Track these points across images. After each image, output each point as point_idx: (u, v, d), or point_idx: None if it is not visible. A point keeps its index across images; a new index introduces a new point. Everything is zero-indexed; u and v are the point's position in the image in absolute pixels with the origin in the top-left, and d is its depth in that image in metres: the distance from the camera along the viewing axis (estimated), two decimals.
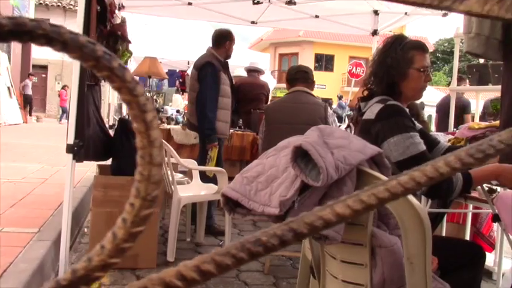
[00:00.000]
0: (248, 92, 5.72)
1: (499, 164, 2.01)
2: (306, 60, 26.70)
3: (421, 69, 2.11)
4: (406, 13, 5.64)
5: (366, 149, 1.36)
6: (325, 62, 30.12)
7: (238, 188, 1.38)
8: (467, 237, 3.68)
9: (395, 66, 2.09)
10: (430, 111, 8.86)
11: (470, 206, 3.46)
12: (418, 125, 2.28)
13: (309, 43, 28.83)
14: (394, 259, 1.38)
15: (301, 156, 1.27)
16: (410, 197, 1.28)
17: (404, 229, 1.27)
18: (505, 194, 1.91)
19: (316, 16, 5.81)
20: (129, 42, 4.27)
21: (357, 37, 22.85)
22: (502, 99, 2.15)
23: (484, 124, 2.57)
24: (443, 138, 2.66)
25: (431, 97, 10.55)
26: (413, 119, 2.10)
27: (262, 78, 6.66)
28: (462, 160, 0.25)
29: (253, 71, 6.15)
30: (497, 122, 2.31)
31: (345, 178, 1.31)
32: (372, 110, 2.06)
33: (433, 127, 4.87)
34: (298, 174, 1.27)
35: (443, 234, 3.44)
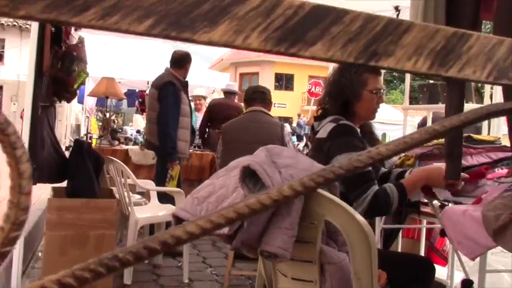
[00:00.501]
0: (220, 112, 5.76)
1: (424, 167, 2.11)
2: (267, 79, 26.99)
3: (374, 91, 2.18)
4: None
5: (313, 167, 1.40)
6: (285, 82, 30.51)
7: (188, 209, 1.39)
8: (422, 252, 3.78)
9: (350, 87, 2.16)
10: (385, 129, 9.09)
11: (424, 222, 3.55)
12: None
13: (269, 63, 29.17)
14: (342, 275, 1.41)
15: (249, 176, 1.30)
16: (356, 215, 1.33)
17: (351, 245, 1.31)
18: (450, 209, 1.99)
19: None
20: (86, 62, 4.24)
21: None
22: (446, 117, 2.24)
23: (432, 141, 2.66)
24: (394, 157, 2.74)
25: (387, 115, 10.83)
26: (364, 140, 2.17)
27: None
28: (304, 184, 0.28)
29: (229, 93, 6.22)
30: (443, 140, 2.41)
31: None
32: (325, 129, 2.12)
33: None
34: (246, 194, 1.29)
35: (399, 249, 3.51)
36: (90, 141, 6.25)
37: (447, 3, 1.99)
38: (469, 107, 3.29)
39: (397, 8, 5.22)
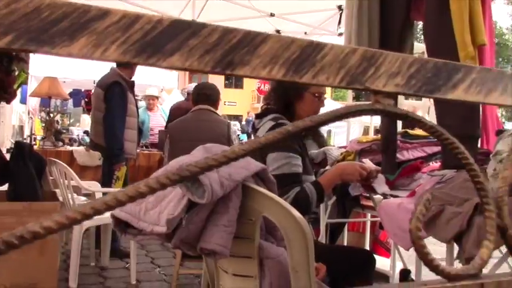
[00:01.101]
0: (178, 115, 5.69)
1: (338, 165, 2.19)
2: (217, 77, 26.89)
3: (316, 95, 2.24)
4: (305, 33, 5.94)
5: (250, 165, 1.43)
6: (235, 79, 30.53)
7: (127, 209, 1.39)
8: (367, 245, 3.90)
9: (293, 87, 2.20)
10: (331, 126, 9.27)
11: (369, 215, 3.67)
12: (315, 152, 2.40)
13: None
14: (281, 269, 1.45)
15: None
16: (293, 210, 1.37)
17: (288, 240, 1.35)
18: (385, 202, 2.07)
19: None
20: (26, 62, 4.12)
21: None
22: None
23: (371, 138, 2.76)
24: (336, 152, 2.82)
25: None
26: (306, 139, 2.23)
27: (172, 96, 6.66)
28: (160, 181, 0.31)
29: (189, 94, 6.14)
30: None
31: (231, 194, 1.37)
32: (264, 127, 2.16)
33: (332, 141, 5.12)
34: (184, 193, 1.31)
35: (345, 243, 3.61)
36: (33, 142, 6.07)
37: (380, 3, 2.07)
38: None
39: (340, 8, 5.36)
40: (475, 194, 0.62)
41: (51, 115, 5.62)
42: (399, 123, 2.66)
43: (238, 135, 4.07)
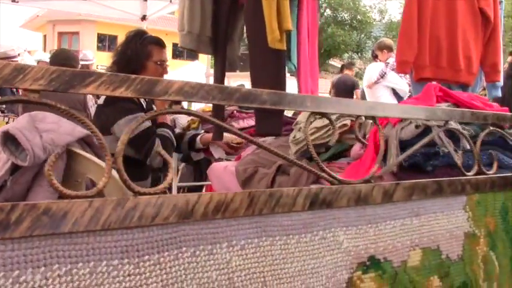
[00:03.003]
0: None
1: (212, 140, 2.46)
2: (88, 40, 25.69)
3: (159, 63, 2.39)
4: (170, 1, 6.00)
5: (74, 131, 1.57)
6: (108, 42, 29.32)
7: None
8: None
9: (135, 58, 2.33)
10: None
11: None
12: (154, 109, 2.58)
13: (90, 22, 27.69)
14: None
15: (10, 140, 1.44)
16: (113, 171, 1.55)
17: None
18: (214, 165, 2.33)
19: None
20: None
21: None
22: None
23: (207, 108, 3.01)
24: (183, 120, 3.03)
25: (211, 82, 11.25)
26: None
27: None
28: None
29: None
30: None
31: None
32: (102, 96, 2.29)
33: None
34: (8, 157, 1.43)
35: None
36: None
37: None
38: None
39: None
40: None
41: None
42: None
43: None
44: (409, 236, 0.90)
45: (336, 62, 19.25)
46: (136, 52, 2.33)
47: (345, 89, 6.39)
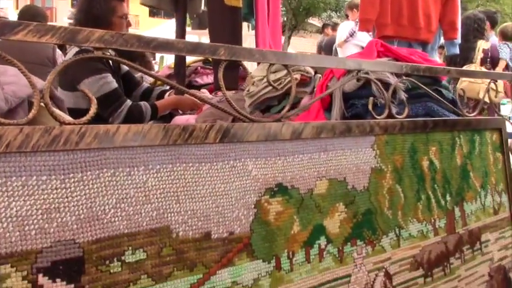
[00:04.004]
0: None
1: (176, 96, 2.56)
2: None
3: (123, 17, 2.48)
4: None
5: (35, 84, 1.69)
6: None
7: None
8: None
9: (102, 16, 2.41)
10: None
11: None
12: (124, 68, 2.68)
13: None
14: None
15: None
16: None
17: None
18: (177, 118, 2.46)
19: None
20: None
21: None
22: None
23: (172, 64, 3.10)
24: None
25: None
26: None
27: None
28: None
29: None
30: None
31: (17, 109, 1.63)
32: (71, 53, 2.38)
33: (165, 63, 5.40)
34: None
35: None
36: None
37: None
38: None
39: None
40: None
41: None
42: None
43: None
44: (316, 168, 1.05)
45: (315, 21, 19.17)
46: (102, 10, 2.41)
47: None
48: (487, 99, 1.74)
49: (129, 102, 2.33)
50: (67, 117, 0.78)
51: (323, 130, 1.07)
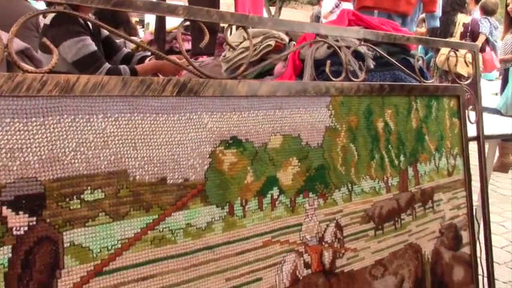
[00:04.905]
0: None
1: (156, 61, 2.61)
2: None
3: None
4: None
5: (13, 45, 1.74)
6: None
7: None
8: None
9: None
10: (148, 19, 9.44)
11: None
12: (105, 33, 2.72)
13: None
14: None
15: None
16: None
17: None
18: None
19: None
20: None
21: None
22: None
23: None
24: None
25: None
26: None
27: None
28: None
29: None
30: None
31: None
32: (50, 16, 2.41)
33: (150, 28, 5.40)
34: None
35: None
36: None
37: None
38: None
39: None
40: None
41: None
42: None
43: None
44: (271, 124, 1.13)
45: None
46: None
47: None
48: (467, 71, 1.82)
49: (107, 64, 2.38)
50: (31, 68, 0.84)
51: (279, 89, 1.15)
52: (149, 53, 2.96)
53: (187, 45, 2.97)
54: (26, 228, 0.78)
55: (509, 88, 5.74)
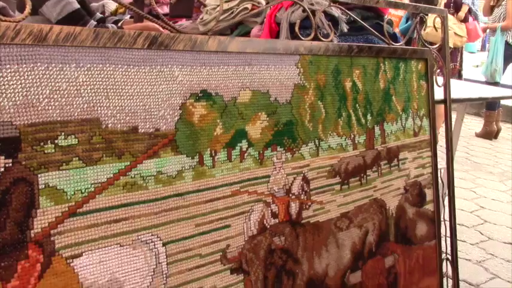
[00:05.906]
0: None
1: (143, 23, 2.62)
2: None
3: None
4: None
5: None
6: None
7: None
8: None
9: None
10: None
11: None
12: (96, 5, 2.71)
13: None
14: None
15: None
16: None
17: None
18: None
19: None
20: None
21: None
22: None
23: None
24: (112, 6, 3.16)
25: None
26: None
27: None
28: None
29: None
30: None
31: None
32: None
33: None
34: None
35: None
36: None
37: None
38: None
39: None
40: None
41: None
42: None
43: None
44: (241, 79, 1.18)
45: None
46: None
47: None
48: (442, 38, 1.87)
49: (93, 22, 2.39)
50: (5, 18, 0.87)
51: (248, 46, 1.19)
52: (121, 19, 2.96)
53: (166, 9, 2.98)
54: (2, 169, 0.83)
55: (489, 56, 5.89)
